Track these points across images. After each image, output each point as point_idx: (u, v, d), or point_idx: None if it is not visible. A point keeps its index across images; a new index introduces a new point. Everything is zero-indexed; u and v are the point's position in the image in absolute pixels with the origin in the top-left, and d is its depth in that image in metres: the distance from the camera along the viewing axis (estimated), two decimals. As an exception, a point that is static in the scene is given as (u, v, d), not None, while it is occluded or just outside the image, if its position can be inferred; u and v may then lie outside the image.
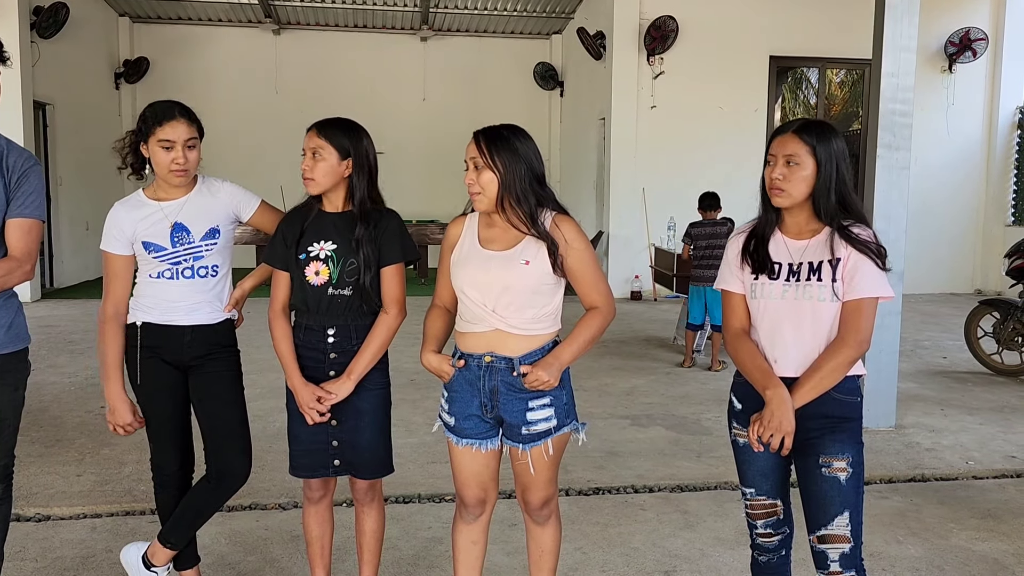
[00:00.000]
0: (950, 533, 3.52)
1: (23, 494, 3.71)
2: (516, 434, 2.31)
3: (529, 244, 2.27)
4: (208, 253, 2.58)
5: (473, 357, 2.30)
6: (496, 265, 2.26)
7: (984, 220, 11.57)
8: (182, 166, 2.50)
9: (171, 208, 2.56)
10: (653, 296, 10.58)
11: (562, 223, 2.30)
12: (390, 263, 2.49)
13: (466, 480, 2.39)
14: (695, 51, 10.55)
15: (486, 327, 2.27)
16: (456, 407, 2.35)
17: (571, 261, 2.27)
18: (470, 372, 2.31)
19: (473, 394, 2.32)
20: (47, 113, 10.56)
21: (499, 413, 2.31)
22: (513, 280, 2.24)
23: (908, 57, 4.82)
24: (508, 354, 2.27)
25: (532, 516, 2.44)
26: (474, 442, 2.34)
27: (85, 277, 11.53)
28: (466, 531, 2.46)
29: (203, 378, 2.61)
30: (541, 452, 2.32)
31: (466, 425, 2.34)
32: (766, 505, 2.27)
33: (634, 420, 5.15)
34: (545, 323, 2.30)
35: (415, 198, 12.88)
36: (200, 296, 2.58)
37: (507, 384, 2.28)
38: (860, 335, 2.10)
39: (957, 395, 5.92)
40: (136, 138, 2.55)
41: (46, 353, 6.74)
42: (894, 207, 4.84)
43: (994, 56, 11.30)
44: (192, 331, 2.58)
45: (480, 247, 2.31)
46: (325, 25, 13.52)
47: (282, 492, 3.82)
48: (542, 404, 2.29)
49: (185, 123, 2.51)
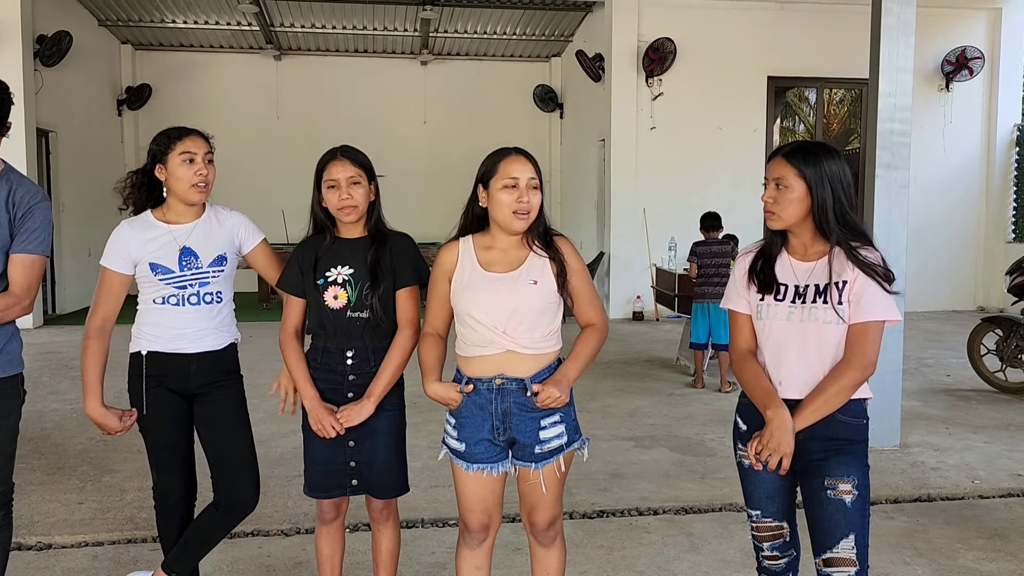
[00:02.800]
0: (957, 553, 3.49)
1: (24, 522, 3.70)
2: (528, 454, 2.31)
3: (533, 264, 2.30)
4: (214, 280, 2.59)
5: (482, 381, 2.30)
6: (504, 287, 2.28)
7: (985, 237, 11.58)
8: (204, 178, 2.53)
9: (180, 232, 2.57)
10: (655, 316, 10.58)
11: (562, 244, 2.34)
12: (405, 285, 2.55)
13: (471, 506, 2.38)
14: (693, 72, 10.62)
15: (496, 349, 2.28)
16: (466, 432, 2.34)
17: (573, 281, 2.31)
18: (480, 396, 2.31)
19: (484, 418, 2.31)
20: (50, 140, 10.63)
21: (512, 435, 2.31)
22: (523, 301, 2.26)
23: (905, 77, 4.85)
24: (518, 375, 2.28)
25: (538, 537, 2.43)
26: (485, 467, 2.34)
27: (87, 303, 11.41)
28: (470, 557, 2.44)
29: (210, 406, 2.61)
30: (553, 469, 2.32)
31: (477, 450, 2.33)
32: (772, 527, 2.25)
33: (637, 442, 5.12)
34: (551, 341, 2.32)
35: (416, 221, 12.83)
36: (206, 323, 2.59)
37: (519, 405, 2.29)
38: (866, 358, 2.09)
39: (962, 413, 5.90)
40: (152, 162, 2.56)
41: (48, 380, 6.73)
42: (894, 226, 4.85)
43: (991, 74, 11.36)
44: (199, 358, 2.58)
45: (483, 270, 2.32)
46: (326, 50, 13.63)
47: (285, 518, 3.80)
48: (553, 422, 2.31)
49: (202, 139, 2.58)
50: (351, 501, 2.71)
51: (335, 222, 2.56)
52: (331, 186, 2.49)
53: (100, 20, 12.08)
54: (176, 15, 12.23)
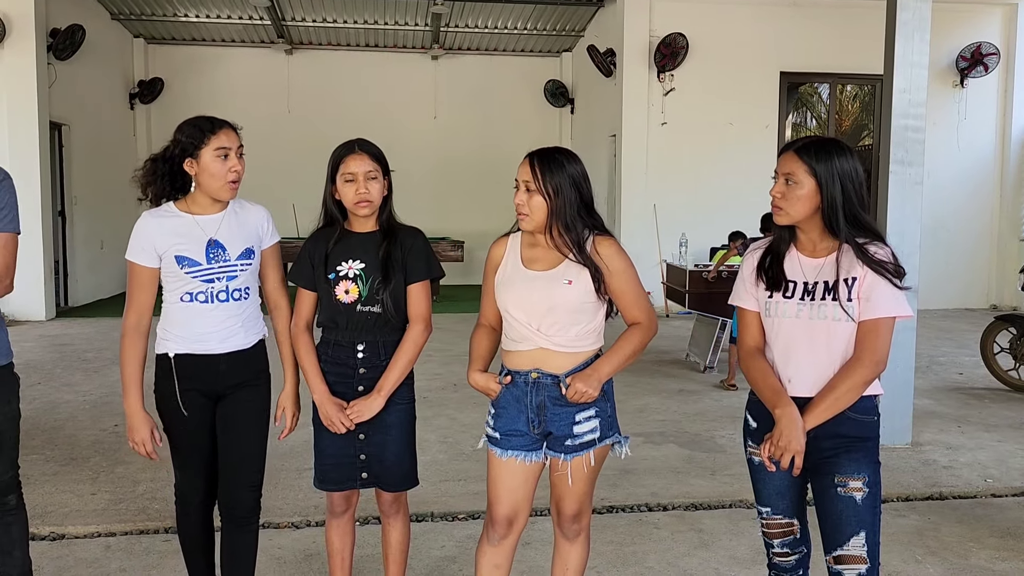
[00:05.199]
0: (969, 552, 3.47)
1: (38, 512, 3.72)
2: (560, 445, 2.34)
3: (571, 263, 2.30)
4: (242, 273, 2.51)
5: (519, 374, 2.33)
6: (540, 285, 2.29)
7: (999, 235, 11.50)
8: (239, 174, 2.48)
9: (207, 223, 2.49)
10: (665, 312, 10.55)
11: (602, 244, 2.33)
12: (416, 280, 2.55)
13: (500, 496, 2.38)
14: (705, 67, 10.58)
15: (531, 346, 2.31)
16: (501, 422, 2.37)
17: (614, 283, 2.31)
18: (517, 389, 2.34)
19: (520, 410, 2.34)
20: (63, 133, 10.68)
21: (546, 428, 2.33)
22: (557, 300, 2.27)
23: (920, 73, 4.81)
24: (553, 371, 2.30)
25: (563, 529, 2.45)
26: (519, 454, 2.35)
27: (100, 296, 11.60)
28: (491, 553, 2.43)
29: (231, 407, 2.54)
30: (582, 463, 2.34)
31: (512, 439, 2.35)
32: (782, 524, 2.25)
33: (647, 437, 5.12)
34: (588, 340, 2.33)
35: (426, 215, 12.90)
36: (234, 321, 2.51)
37: (553, 399, 2.31)
38: (876, 355, 2.07)
39: (974, 412, 5.86)
40: (182, 154, 2.44)
41: (61, 372, 6.77)
42: (907, 222, 4.82)
43: (1006, 70, 11.27)
44: (228, 359, 2.51)
45: (523, 267, 2.34)
46: (337, 45, 13.64)
47: (295, 511, 3.82)
48: (587, 416, 2.32)
49: (235, 133, 2.51)
50: (361, 495, 2.72)
51: (346, 215, 2.56)
52: (348, 180, 2.48)
53: (113, 14, 12.13)
54: (188, 9, 12.26)
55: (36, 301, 9.55)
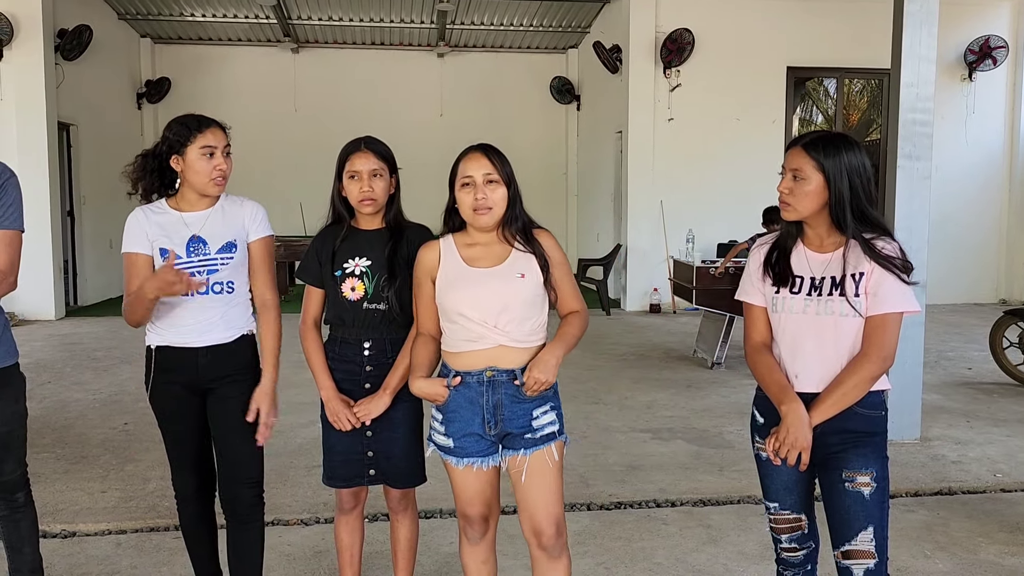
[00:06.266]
0: (979, 547, 3.46)
1: (49, 511, 3.75)
2: (520, 441, 2.28)
3: (518, 258, 2.30)
4: (224, 267, 2.52)
5: (471, 374, 2.28)
6: (493, 282, 2.27)
7: (1007, 229, 11.45)
8: (224, 173, 2.50)
9: (193, 219, 2.53)
10: (672, 309, 10.55)
11: (542, 237, 2.35)
12: None
13: (471, 498, 2.36)
14: (712, 63, 10.55)
15: (488, 344, 2.26)
16: (454, 427, 2.31)
17: (555, 273, 2.32)
18: (469, 390, 2.28)
19: (475, 412, 2.29)
20: (71, 133, 10.74)
21: (503, 428, 2.28)
22: (512, 294, 2.26)
23: (928, 67, 4.79)
24: (509, 367, 2.27)
25: (545, 547, 2.30)
26: (475, 460, 2.31)
27: (108, 295, 11.65)
28: (473, 552, 2.44)
29: (219, 404, 2.55)
30: (544, 457, 2.28)
31: (466, 443, 2.31)
32: (790, 519, 2.25)
33: (655, 434, 5.12)
34: (539, 334, 2.32)
35: (432, 213, 12.88)
36: (212, 314, 2.51)
37: (510, 396, 2.27)
38: (884, 351, 2.07)
39: (983, 407, 5.84)
40: (169, 151, 2.49)
41: (71, 371, 6.80)
42: (915, 217, 4.81)
43: (1014, 64, 11.21)
44: (208, 352, 2.52)
45: (468, 267, 2.31)
46: (343, 43, 13.66)
47: (304, 508, 3.83)
48: (544, 411, 2.30)
49: (221, 132, 2.54)
50: (370, 492, 2.73)
51: (354, 213, 2.57)
52: (352, 177, 2.49)
53: (120, 14, 12.18)
54: (195, 9, 12.30)
55: (45, 300, 9.61)
